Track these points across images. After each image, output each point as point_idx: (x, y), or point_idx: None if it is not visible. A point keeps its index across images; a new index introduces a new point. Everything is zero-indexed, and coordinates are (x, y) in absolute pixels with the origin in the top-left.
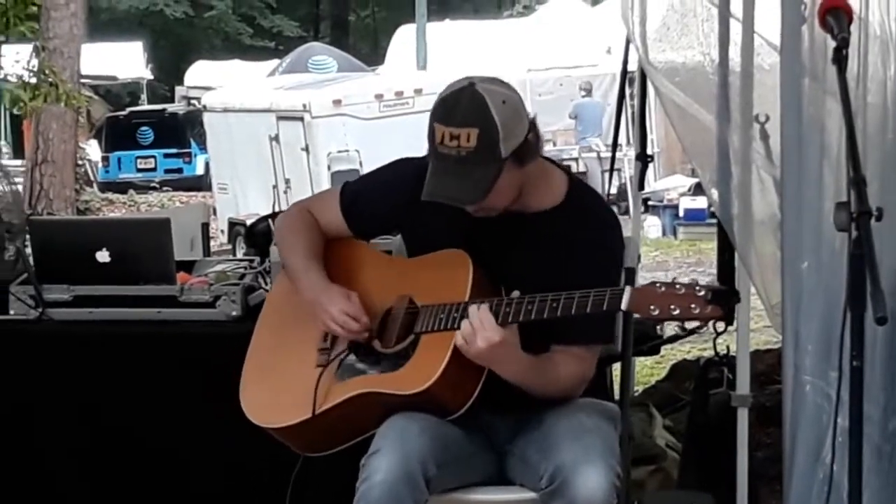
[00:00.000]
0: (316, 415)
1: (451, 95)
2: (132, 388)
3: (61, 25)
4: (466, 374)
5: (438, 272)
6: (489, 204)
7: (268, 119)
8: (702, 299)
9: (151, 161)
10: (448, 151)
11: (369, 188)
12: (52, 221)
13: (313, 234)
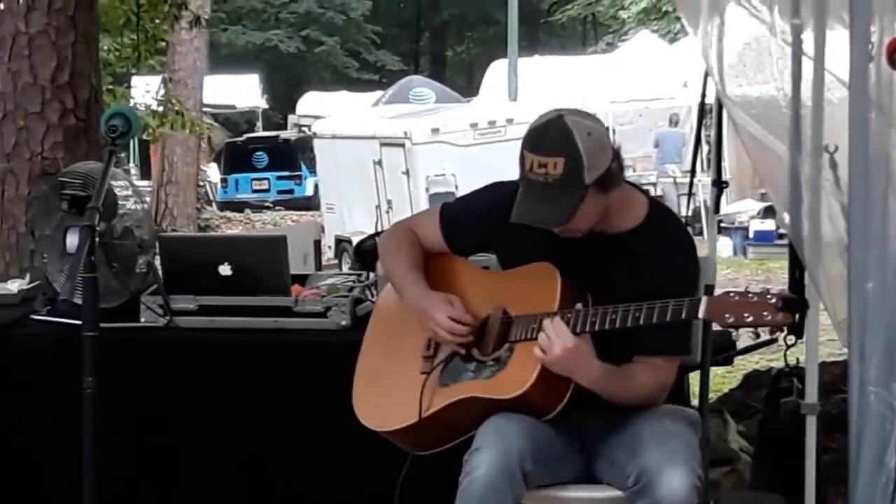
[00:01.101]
0: (421, 419)
1: (541, 126)
2: (250, 390)
3: (186, 59)
4: (558, 379)
5: (529, 284)
6: (573, 226)
7: (372, 145)
8: (773, 306)
9: (266, 183)
10: (536, 178)
11: (466, 209)
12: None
13: (415, 249)
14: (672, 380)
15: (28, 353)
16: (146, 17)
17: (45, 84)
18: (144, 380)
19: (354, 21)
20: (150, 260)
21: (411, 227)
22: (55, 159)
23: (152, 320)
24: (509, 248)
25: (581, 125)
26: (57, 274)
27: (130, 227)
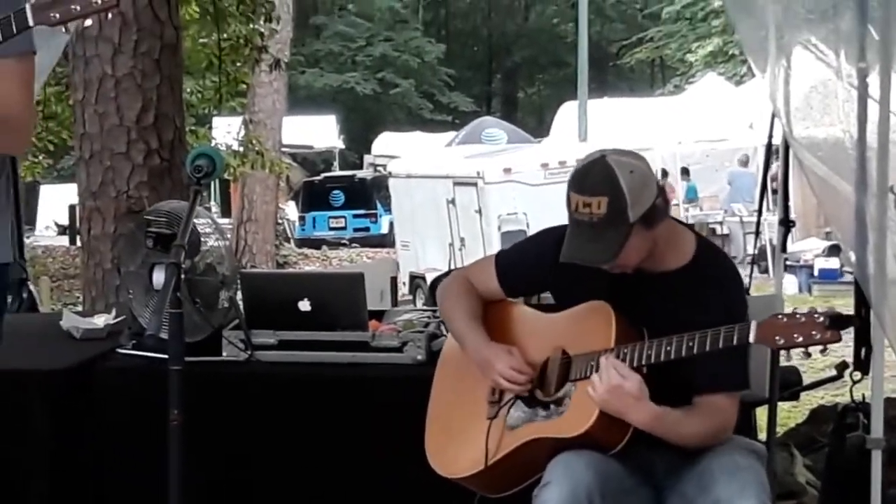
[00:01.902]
0: (489, 465)
1: (584, 167)
2: (328, 423)
3: (265, 101)
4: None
5: (585, 323)
6: (622, 262)
7: (445, 184)
8: (821, 325)
9: (342, 220)
10: (582, 217)
11: (520, 256)
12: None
13: (472, 298)
14: (734, 419)
15: (114, 386)
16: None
17: (131, 125)
18: (226, 412)
19: (428, 64)
20: (232, 296)
21: (468, 276)
22: (140, 198)
23: (234, 354)
24: (564, 288)
25: (623, 164)
26: (142, 309)
27: (213, 263)
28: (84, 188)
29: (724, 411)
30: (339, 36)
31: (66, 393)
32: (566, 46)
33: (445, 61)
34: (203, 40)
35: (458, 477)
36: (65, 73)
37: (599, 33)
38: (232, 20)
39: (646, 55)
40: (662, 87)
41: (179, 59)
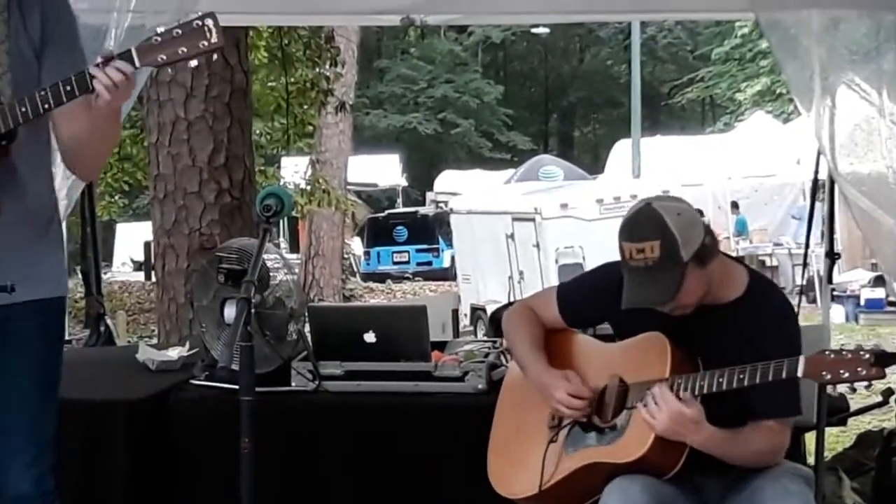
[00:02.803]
0: (543, 489)
1: (633, 216)
2: (393, 449)
3: (332, 141)
4: (674, 441)
5: (642, 353)
6: (681, 302)
7: (504, 220)
8: (867, 362)
9: (405, 255)
10: (637, 264)
11: (580, 288)
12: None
13: (535, 327)
14: (786, 441)
15: (188, 416)
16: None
17: (203, 166)
18: (294, 440)
19: (488, 104)
20: (301, 328)
21: (531, 305)
22: (212, 235)
23: (302, 385)
24: (622, 320)
25: (669, 208)
26: (214, 342)
27: (282, 297)
28: (158, 226)
29: (776, 436)
30: (401, 78)
31: (142, 422)
32: (620, 87)
33: (504, 102)
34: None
35: (516, 498)
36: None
37: (652, 74)
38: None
39: (696, 94)
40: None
41: (249, 102)
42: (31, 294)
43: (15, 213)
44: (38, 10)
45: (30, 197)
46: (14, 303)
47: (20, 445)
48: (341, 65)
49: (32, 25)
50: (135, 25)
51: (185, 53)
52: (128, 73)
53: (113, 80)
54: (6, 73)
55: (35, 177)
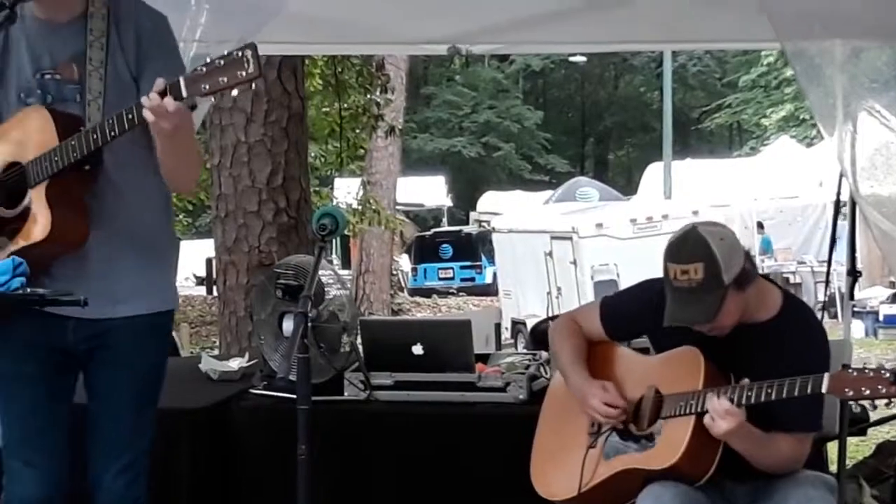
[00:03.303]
0: (581, 492)
1: (679, 239)
2: (439, 455)
3: (381, 164)
4: (705, 449)
5: (678, 366)
6: (719, 324)
7: (543, 238)
8: (887, 381)
9: (450, 272)
10: (680, 284)
11: (623, 303)
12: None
13: (578, 339)
14: (807, 451)
15: (247, 423)
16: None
17: (262, 187)
18: (348, 446)
19: (528, 129)
20: (353, 341)
21: (575, 318)
22: (270, 252)
23: (354, 394)
24: (660, 334)
25: (713, 233)
26: (272, 353)
27: (335, 311)
28: (220, 244)
29: (798, 446)
30: (447, 104)
31: (204, 429)
32: (652, 112)
33: (543, 126)
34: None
35: (556, 499)
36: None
37: (682, 100)
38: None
39: (724, 120)
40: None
41: (305, 126)
42: (132, 310)
43: (111, 234)
44: (132, 33)
45: (136, 219)
46: (115, 317)
47: (117, 451)
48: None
49: (128, 46)
50: (200, 54)
51: (226, 83)
52: (175, 106)
53: (162, 110)
54: (97, 99)
55: (143, 198)
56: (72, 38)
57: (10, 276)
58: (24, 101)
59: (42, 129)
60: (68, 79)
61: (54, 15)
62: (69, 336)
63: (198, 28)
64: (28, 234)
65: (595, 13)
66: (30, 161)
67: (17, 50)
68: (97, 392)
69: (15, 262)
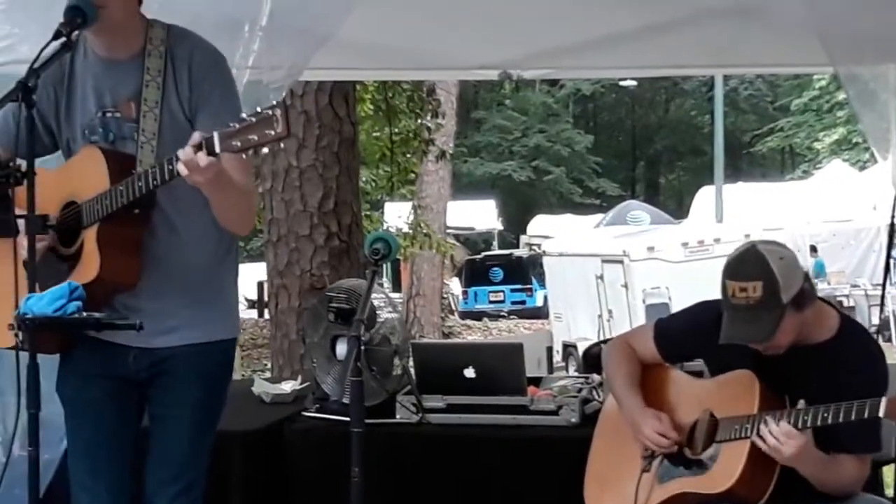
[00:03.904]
0: None
1: (738, 256)
2: (492, 478)
3: (432, 188)
4: (761, 473)
5: (732, 390)
6: (775, 343)
7: (594, 262)
8: None
9: (501, 295)
10: (738, 302)
11: (677, 326)
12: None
13: (632, 363)
14: (867, 473)
15: (300, 445)
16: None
17: (314, 211)
18: (400, 469)
19: (578, 153)
20: (405, 364)
21: (629, 341)
22: (321, 276)
23: (406, 417)
24: (715, 357)
25: (773, 251)
26: (324, 376)
27: (387, 334)
28: (272, 267)
29: (859, 468)
30: (497, 128)
31: (258, 451)
32: (703, 136)
33: (594, 150)
34: (377, 134)
35: None
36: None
37: (734, 123)
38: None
39: (776, 143)
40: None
41: (356, 151)
42: (190, 338)
43: (177, 268)
44: (187, 72)
45: (192, 252)
46: (174, 346)
47: (174, 474)
48: (441, 116)
49: (182, 84)
50: (252, 80)
51: (256, 141)
52: (207, 160)
53: (194, 164)
54: (150, 141)
55: (198, 233)
56: (130, 76)
57: (66, 301)
58: (87, 137)
59: (95, 170)
60: (127, 117)
61: (114, 53)
62: (130, 365)
63: (250, 55)
64: (81, 274)
65: (646, 38)
66: (84, 202)
67: (81, 86)
68: (158, 417)
69: (71, 287)
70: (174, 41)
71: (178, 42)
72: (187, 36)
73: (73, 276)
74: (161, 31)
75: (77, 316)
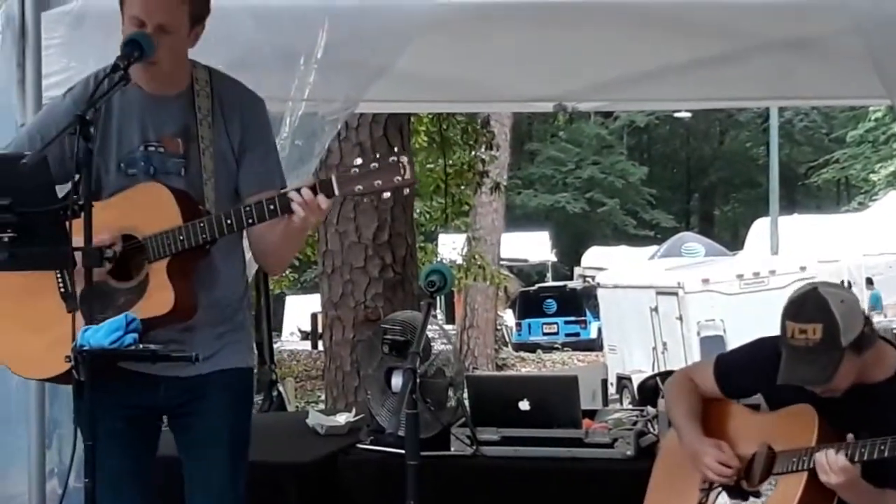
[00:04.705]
0: None
1: (799, 297)
2: None
3: (486, 219)
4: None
5: (791, 424)
6: (833, 386)
7: (649, 294)
8: None
9: (555, 326)
10: (798, 343)
11: (737, 361)
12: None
13: (693, 396)
14: None
15: (355, 478)
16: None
17: (368, 243)
18: (454, 502)
19: (632, 184)
20: (459, 396)
21: (690, 375)
22: (376, 308)
23: (461, 449)
24: (775, 393)
25: (834, 294)
26: (379, 408)
27: (441, 366)
28: (326, 299)
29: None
30: (551, 160)
31: (312, 483)
32: (758, 168)
33: (648, 182)
34: (431, 166)
35: None
36: None
37: (789, 155)
38: (456, 148)
39: (832, 175)
40: (847, 204)
41: None
42: (221, 365)
43: (210, 299)
44: (238, 115)
45: (222, 284)
46: (206, 373)
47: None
48: (495, 147)
49: (233, 130)
50: (308, 113)
51: (380, 186)
52: (327, 203)
53: (314, 205)
54: (211, 178)
55: (229, 267)
56: (178, 112)
57: (122, 333)
58: (124, 171)
59: (163, 207)
60: (173, 152)
61: (162, 88)
62: (160, 395)
63: (306, 87)
64: (149, 308)
65: (701, 70)
66: (148, 237)
67: (118, 118)
68: (192, 444)
69: (128, 319)
70: (220, 84)
71: (225, 85)
72: (233, 80)
73: (140, 308)
74: (204, 72)
75: (134, 348)
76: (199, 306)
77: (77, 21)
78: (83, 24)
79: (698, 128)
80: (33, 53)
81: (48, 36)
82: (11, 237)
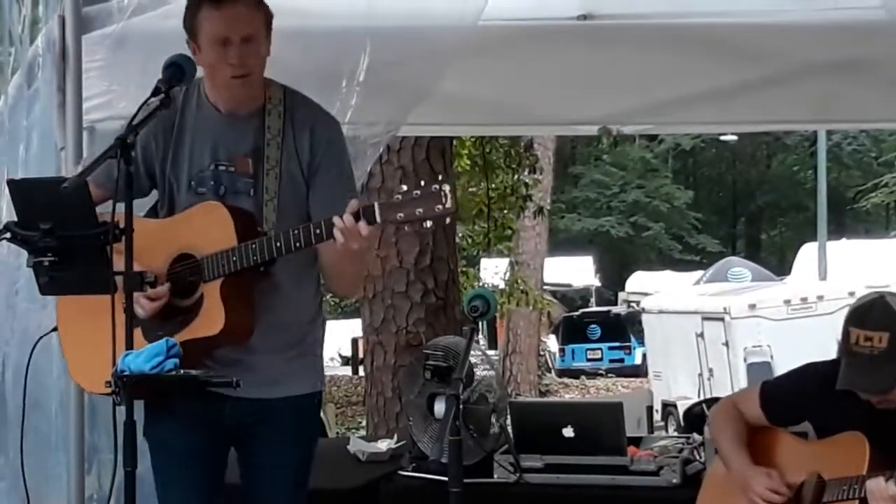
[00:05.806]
0: None
1: (865, 304)
2: None
3: (529, 244)
4: None
5: (841, 451)
6: (893, 396)
7: (695, 319)
8: None
9: (598, 352)
10: (862, 350)
11: (784, 388)
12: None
13: (738, 424)
14: None
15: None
16: (496, 207)
17: (410, 267)
18: None
19: (678, 209)
20: (502, 422)
21: (735, 403)
22: (418, 333)
23: (504, 476)
24: (822, 421)
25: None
26: (421, 434)
27: (484, 393)
28: (368, 324)
29: None
30: (595, 184)
31: None
32: (806, 192)
33: (693, 206)
34: (473, 189)
35: None
36: None
37: (837, 179)
38: (499, 171)
39: (881, 199)
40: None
41: None
42: (286, 391)
43: (275, 322)
44: (309, 134)
45: (290, 308)
46: (271, 398)
47: None
48: (539, 171)
49: (303, 149)
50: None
51: (422, 214)
52: (368, 230)
53: (355, 232)
54: (273, 199)
55: (300, 289)
56: (249, 132)
57: (163, 358)
58: (194, 189)
59: (220, 226)
60: (243, 172)
61: (235, 108)
62: (227, 414)
63: (348, 110)
64: (201, 328)
65: (747, 93)
66: (206, 256)
67: (191, 136)
68: (255, 468)
69: (169, 344)
70: (292, 103)
71: (298, 105)
72: (307, 99)
73: (193, 328)
74: (278, 91)
75: (174, 373)
76: (263, 328)
77: (118, 44)
78: (124, 46)
79: (744, 151)
80: (74, 76)
81: (89, 59)
82: (52, 261)
